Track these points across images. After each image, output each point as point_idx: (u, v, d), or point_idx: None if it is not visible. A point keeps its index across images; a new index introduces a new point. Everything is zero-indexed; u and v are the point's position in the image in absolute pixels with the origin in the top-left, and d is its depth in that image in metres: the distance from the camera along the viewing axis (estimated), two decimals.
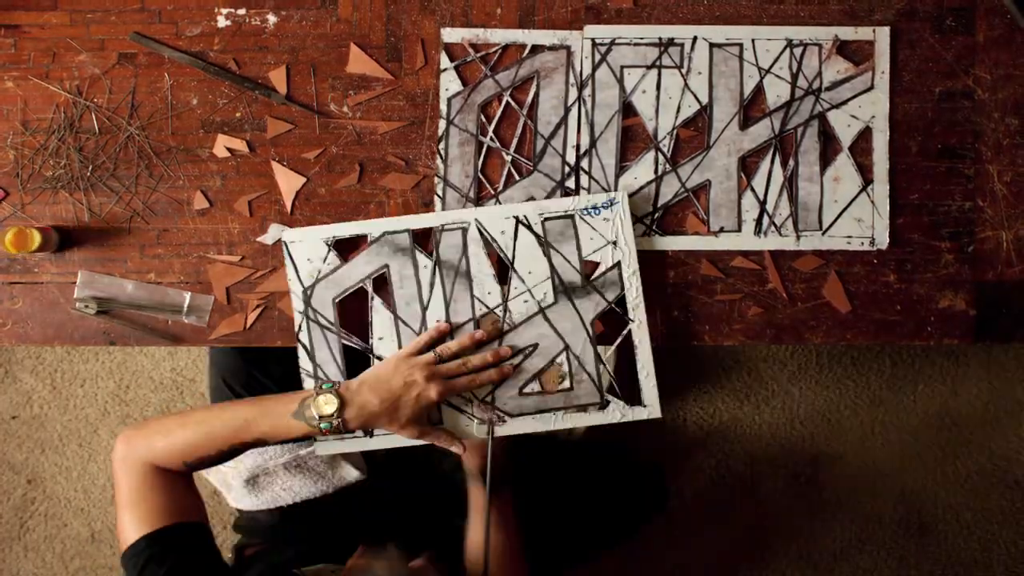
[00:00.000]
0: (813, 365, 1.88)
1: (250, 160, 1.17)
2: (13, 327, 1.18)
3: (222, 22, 1.17)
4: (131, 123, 1.17)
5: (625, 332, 1.15)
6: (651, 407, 1.16)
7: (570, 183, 1.17)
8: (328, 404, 1.06)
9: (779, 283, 1.19)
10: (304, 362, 1.15)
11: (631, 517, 1.44)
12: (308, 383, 1.15)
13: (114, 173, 1.17)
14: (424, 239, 1.15)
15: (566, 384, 1.16)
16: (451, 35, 1.17)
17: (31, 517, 1.88)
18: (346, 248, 1.16)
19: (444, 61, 1.17)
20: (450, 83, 1.17)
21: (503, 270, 1.15)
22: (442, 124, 1.17)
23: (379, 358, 1.15)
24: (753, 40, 1.17)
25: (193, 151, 1.17)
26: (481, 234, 1.14)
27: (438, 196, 1.17)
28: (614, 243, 1.15)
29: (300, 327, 1.15)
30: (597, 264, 1.15)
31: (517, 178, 1.18)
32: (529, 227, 1.15)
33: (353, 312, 1.15)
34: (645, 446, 1.82)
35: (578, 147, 1.17)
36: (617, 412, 1.16)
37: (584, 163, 1.17)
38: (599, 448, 1.60)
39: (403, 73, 1.17)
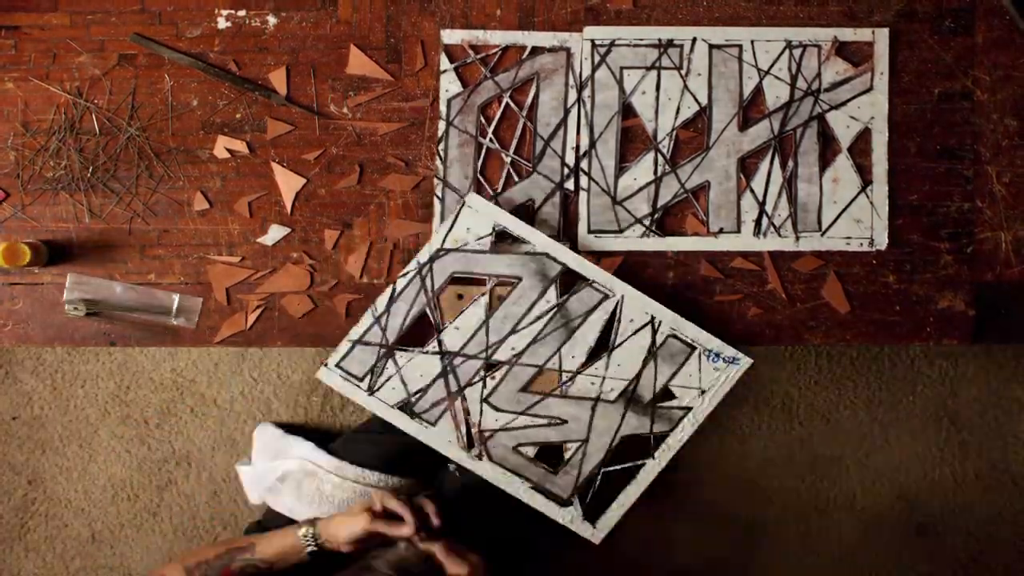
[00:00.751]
0: (812, 365, 1.88)
1: (250, 161, 1.18)
2: (14, 328, 1.18)
3: (222, 23, 1.17)
4: (131, 124, 1.17)
5: (640, 463, 1.17)
6: (598, 531, 1.18)
7: (569, 184, 1.18)
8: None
9: (778, 284, 1.19)
10: (380, 302, 1.15)
11: None
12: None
13: (114, 174, 1.17)
14: (565, 278, 1.16)
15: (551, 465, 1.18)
16: (451, 36, 1.17)
17: (31, 517, 1.88)
18: (504, 241, 1.16)
19: (444, 62, 1.17)
20: (450, 84, 1.17)
21: (600, 347, 1.16)
22: (442, 125, 1.17)
23: (440, 343, 1.16)
24: (752, 41, 1.17)
25: (193, 152, 1.17)
26: (614, 310, 1.15)
27: (437, 197, 1.17)
28: (702, 392, 1.16)
29: (408, 273, 1.15)
30: (673, 396, 1.17)
31: (516, 179, 1.18)
32: (655, 332, 1.16)
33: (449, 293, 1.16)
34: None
35: (577, 148, 1.18)
36: (568, 516, 1.17)
37: (583, 164, 1.17)
38: None
39: (403, 74, 1.17)
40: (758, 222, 1.18)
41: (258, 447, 1.56)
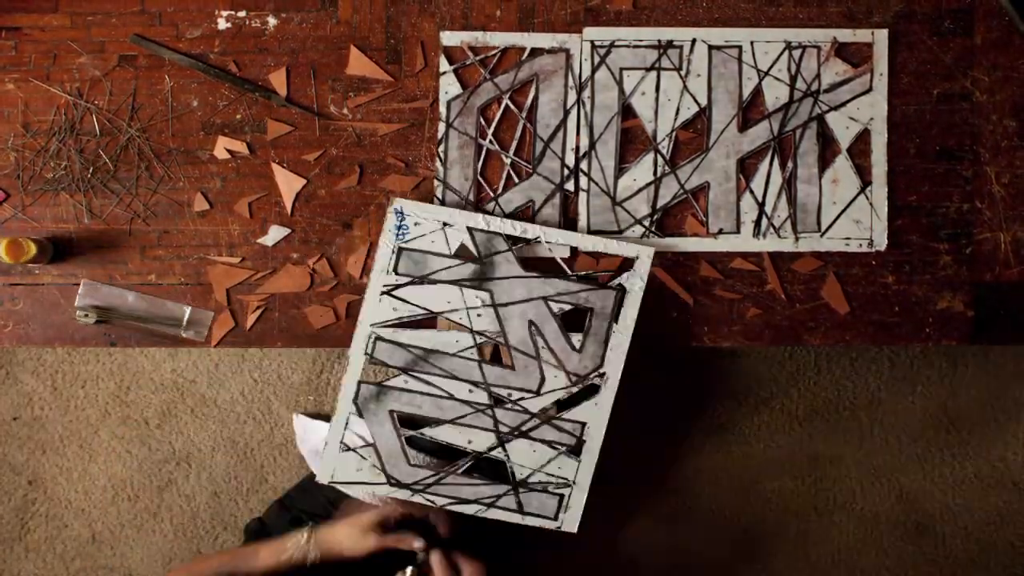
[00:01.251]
0: (812, 366, 1.89)
1: (250, 162, 1.18)
2: (14, 328, 1.18)
3: (222, 24, 1.17)
4: (131, 125, 1.17)
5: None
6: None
7: (569, 185, 1.18)
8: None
9: (778, 284, 1.19)
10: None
11: None
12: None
13: (115, 175, 1.18)
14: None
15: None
16: (450, 38, 1.17)
17: (32, 518, 1.88)
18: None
19: (443, 64, 1.17)
20: (449, 86, 1.17)
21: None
22: (441, 127, 1.18)
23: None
24: (752, 42, 1.17)
25: (193, 153, 1.17)
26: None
27: (437, 198, 1.17)
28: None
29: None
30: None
31: (516, 180, 1.18)
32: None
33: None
34: (645, 449, 1.82)
35: (577, 149, 1.18)
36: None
37: (583, 165, 1.18)
38: None
39: (403, 75, 1.18)
40: (757, 223, 1.18)
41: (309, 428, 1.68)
